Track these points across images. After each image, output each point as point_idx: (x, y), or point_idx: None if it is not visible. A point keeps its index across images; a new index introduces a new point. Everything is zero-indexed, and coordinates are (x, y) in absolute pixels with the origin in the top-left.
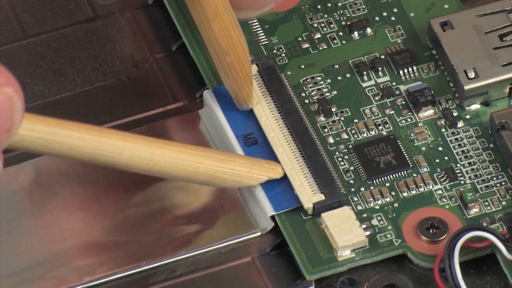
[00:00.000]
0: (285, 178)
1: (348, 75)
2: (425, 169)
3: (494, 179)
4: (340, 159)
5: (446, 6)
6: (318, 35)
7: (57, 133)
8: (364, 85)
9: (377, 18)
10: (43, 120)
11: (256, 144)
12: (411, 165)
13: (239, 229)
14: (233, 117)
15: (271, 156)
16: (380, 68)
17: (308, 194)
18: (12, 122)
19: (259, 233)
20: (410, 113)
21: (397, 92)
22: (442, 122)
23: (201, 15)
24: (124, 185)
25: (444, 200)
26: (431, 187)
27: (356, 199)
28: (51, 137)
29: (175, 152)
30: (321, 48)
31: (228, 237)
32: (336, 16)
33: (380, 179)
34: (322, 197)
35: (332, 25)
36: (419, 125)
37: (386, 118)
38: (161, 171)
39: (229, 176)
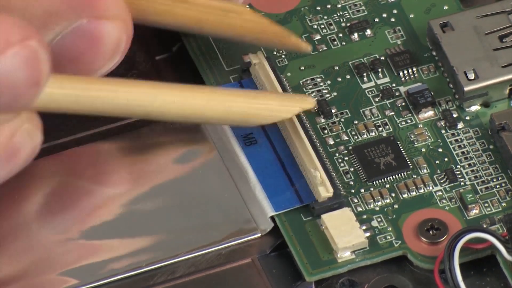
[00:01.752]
0: (285, 177)
1: (348, 77)
2: (425, 171)
3: (494, 180)
4: (340, 160)
5: (446, 7)
6: (318, 37)
7: (88, 88)
8: (364, 86)
9: (377, 20)
10: (71, 77)
11: (256, 144)
12: (411, 167)
13: (239, 230)
14: None
15: (272, 155)
16: (380, 70)
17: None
18: (41, 74)
19: (259, 234)
20: (410, 114)
21: (397, 94)
22: (442, 123)
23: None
24: (124, 185)
25: (444, 201)
26: (431, 188)
27: (356, 200)
28: (82, 92)
29: (206, 93)
30: (321, 50)
31: (228, 238)
32: (336, 17)
33: (380, 181)
34: None
35: (332, 27)
36: (419, 126)
37: (386, 119)
38: (196, 115)
39: (263, 111)
